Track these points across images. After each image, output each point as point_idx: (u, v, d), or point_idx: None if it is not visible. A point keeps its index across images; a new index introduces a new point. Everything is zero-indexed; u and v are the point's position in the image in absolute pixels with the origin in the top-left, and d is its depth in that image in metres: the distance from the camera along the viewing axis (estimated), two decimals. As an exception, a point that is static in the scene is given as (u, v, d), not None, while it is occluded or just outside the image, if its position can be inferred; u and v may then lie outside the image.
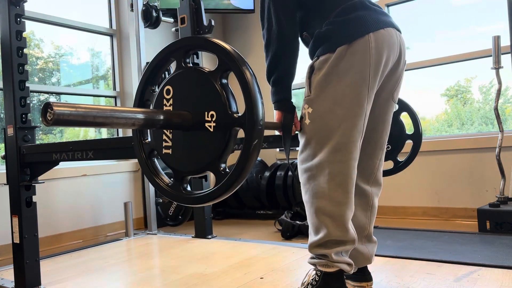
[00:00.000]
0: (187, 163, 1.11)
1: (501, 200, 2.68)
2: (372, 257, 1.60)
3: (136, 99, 1.20)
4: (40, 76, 3.32)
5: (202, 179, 2.78)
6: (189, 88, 1.10)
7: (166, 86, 1.14)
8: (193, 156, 1.10)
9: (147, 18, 3.11)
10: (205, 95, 1.07)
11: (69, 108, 0.88)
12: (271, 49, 1.40)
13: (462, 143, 3.15)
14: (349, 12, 1.36)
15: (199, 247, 2.52)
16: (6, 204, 2.02)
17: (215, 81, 1.05)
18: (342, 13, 1.37)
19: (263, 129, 1.02)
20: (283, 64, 1.40)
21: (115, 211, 3.36)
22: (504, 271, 1.73)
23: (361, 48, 1.33)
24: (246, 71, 1.02)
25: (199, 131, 1.08)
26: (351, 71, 1.34)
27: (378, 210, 1.72)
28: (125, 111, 1.01)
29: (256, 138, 1.01)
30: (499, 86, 2.81)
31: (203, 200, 1.08)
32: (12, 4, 1.91)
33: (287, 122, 1.44)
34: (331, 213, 1.36)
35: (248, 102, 1.01)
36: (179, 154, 1.12)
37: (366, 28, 1.34)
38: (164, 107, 1.13)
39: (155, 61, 1.16)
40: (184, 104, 1.10)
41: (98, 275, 2.06)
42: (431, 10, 3.53)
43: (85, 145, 1.77)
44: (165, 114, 1.08)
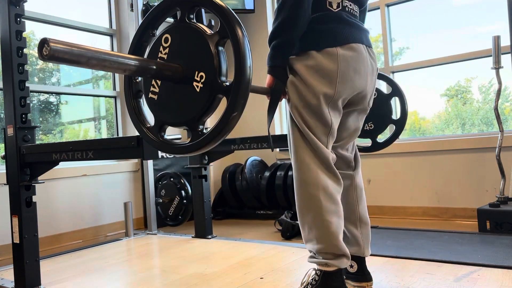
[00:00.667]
0: (168, 114, 1.16)
1: (501, 200, 2.68)
2: (366, 246, 1.62)
3: (135, 39, 1.22)
4: (40, 76, 3.32)
5: (202, 179, 2.78)
6: (186, 43, 1.12)
7: (166, 34, 1.16)
8: (175, 108, 1.14)
9: (147, 18, 3.11)
10: (200, 55, 1.09)
11: (65, 46, 0.91)
12: (283, 14, 1.40)
13: (462, 143, 3.15)
14: (322, 23, 1.44)
15: (199, 247, 2.52)
16: (6, 204, 2.02)
17: (212, 45, 1.08)
18: (315, 20, 1.44)
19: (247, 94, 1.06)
20: (290, 33, 1.40)
21: (115, 211, 3.36)
22: (504, 271, 1.73)
23: (330, 56, 1.41)
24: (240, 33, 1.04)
25: (186, 87, 1.11)
26: (316, 74, 1.42)
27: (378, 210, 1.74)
28: (119, 56, 1.04)
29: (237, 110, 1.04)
30: (499, 86, 2.81)
31: (173, 150, 1.14)
32: (12, 4, 1.91)
33: (277, 89, 1.46)
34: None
35: (238, 67, 1.04)
36: (163, 103, 1.16)
37: (337, 40, 1.43)
38: (159, 53, 1.16)
39: (161, 6, 1.18)
40: (178, 57, 1.13)
41: (98, 275, 2.06)
42: (431, 10, 3.53)
43: (85, 145, 1.77)
44: (157, 64, 1.11)
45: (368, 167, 3.56)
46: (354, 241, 1.60)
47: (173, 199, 2.98)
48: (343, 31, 1.45)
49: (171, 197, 2.99)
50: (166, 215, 3.04)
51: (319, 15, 1.45)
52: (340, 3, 1.48)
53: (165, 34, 1.16)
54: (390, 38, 3.64)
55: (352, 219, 1.61)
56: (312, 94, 1.43)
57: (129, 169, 3.51)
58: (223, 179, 3.84)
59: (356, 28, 1.49)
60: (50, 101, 3.38)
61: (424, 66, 3.46)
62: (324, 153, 1.44)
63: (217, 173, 4.14)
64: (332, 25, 1.45)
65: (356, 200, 1.62)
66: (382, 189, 3.50)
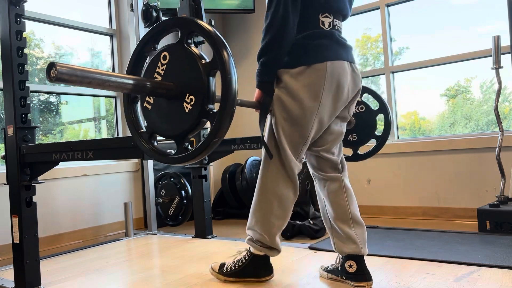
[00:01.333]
0: (158, 125, 1.27)
1: (501, 200, 2.68)
2: (363, 245, 1.67)
3: (135, 52, 1.32)
4: (40, 76, 3.32)
5: (202, 179, 2.78)
6: (182, 65, 1.22)
7: (165, 52, 1.26)
8: (165, 122, 1.26)
9: (147, 18, 3.11)
10: (192, 80, 1.19)
11: (70, 69, 1.02)
12: (271, 33, 1.53)
13: (462, 143, 3.15)
14: (314, 39, 1.57)
15: (199, 247, 2.52)
16: (6, 204, 2.02)
17: (204, 73, 1.18)
18: (307, 37, 1.57)
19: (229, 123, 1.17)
20: (277, 50, 1.54)
21: (115, 211, 3.36)
22: (504, 271, 1.73)
23: (318, 71, 1.54)
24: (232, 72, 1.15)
25: (177, 105, 1.22)
26: (304, 89, 1.55)
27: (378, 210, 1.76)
28: (118, 76, 1.15)
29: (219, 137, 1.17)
30: (499, 86, 2.81)
31: (157, 158, 1.27)
32: (12, 4, 1.91)
33: (266, 102, 1.61)
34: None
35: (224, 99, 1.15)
36: (155, 114, 1.27)
37: (325, 56, 1.56)
38: (157, 68, 1.27)
39: (164, 24, 1.28)
40: (174, 76, 1.23)
41: (98, 275, 2.06)
42: (431, 10, 3.53)
43: (85, 145, 1.77)
44: (152, 83, 1.22)
45: (368, 167, 3.56)
46: (349, 240, 1.67)
47: (173, 199, 2.98)
48: (332, 48, 1.59)
49: (171, 197, 2.99)
50: (166, 215, 3.04)
51: (312, 32, 1.58)
52: (331, 22, 1.62)
53: (164, 52, 1.25)
54: (390, 38, 3.64)
55: (344, 219, 1.69)
56: (297, 106, 1.57)
57: (129, 169, 3.51)
58: (223, 179, 3.84)
59: (342, 46, 1.63)
60: (50, 101, 3.38)
61: (424, 66, 3.46)
62: (292, 166, 1.63)
63: (217, 173, 4.14)
64: (322, 41, 1.58)
65: (347, 201, 1.70)
66: (382, 189, 3.50)
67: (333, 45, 1.59)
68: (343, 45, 1.63)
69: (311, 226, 2.75)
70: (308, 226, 2.74)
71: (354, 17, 3.82)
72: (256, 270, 1.73)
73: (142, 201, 3.53)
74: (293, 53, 1.57)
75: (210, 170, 3.77)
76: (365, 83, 3.98)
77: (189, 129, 1.21)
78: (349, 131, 2.33)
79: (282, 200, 1.65)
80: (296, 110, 1.57)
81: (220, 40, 1.16)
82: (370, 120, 2.34)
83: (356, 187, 3.60)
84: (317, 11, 1.59)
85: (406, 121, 3.74)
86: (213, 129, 1.16)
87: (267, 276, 1.75)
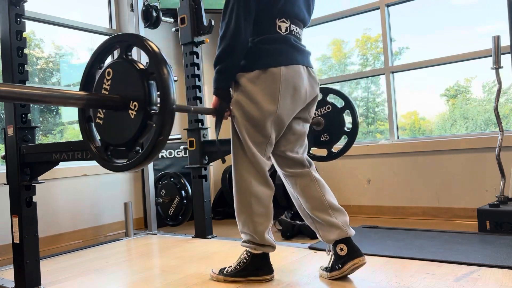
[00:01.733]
0: (111, 137, 1.36)
1: (501, 200, 2.68)
2: (347, 227, 1.74)
3: (85, 71, 1.42)
4: (41, 76, 3.32)
5: (202, 179, 2.78)
6: (124, 76, 1.32)
7: (108, 68, 1.36)
8: (116, 132, 1.34)
9: (147, 18, 3.11)
10: (134, 87, 1.29)
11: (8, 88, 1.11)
12: (224, 42, 1.63)
13: (462, 143, 3.15)
14: (270, 43, 1.66)
15: (199, 247, 2.52)
16: (6, 204, 2.02)
17: (143, 79, 1.27)
18: (263, 42, 1.66)
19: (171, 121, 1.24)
20: (231, 58, 1.64)
21: (115, 211, 3.37)
22: (504, 271, 1.73)
23: (273, 75, 1.62)
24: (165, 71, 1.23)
25: (124, 114, 1.31)
26: (261, 92, 1.63)
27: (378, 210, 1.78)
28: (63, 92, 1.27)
29: (163, 135, 1.23)
30: (499, 86, 2.81)
31: (112, 168, 1.36)
32: (12, 4, 1.91)
33: (221, 109, 1.70)
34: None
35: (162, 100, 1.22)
36: (106, 127, 1.37)
37: (279, 61, 1.64)
38: (103, 85, 1.36)
39: (105, 45, 1.39)
40: (118, 88, 1.32)
41: (98, 275, 2.06)
42: (431, 10, 3.53)
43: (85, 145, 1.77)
44: (98, 97, 1.32)
45: (368, 167, 3.56)
46: (333, 227, 1.74)
47: (173, 199, 2.98)
48: (287, 53, 1.67)
49: (171, 197, 2.99)
50: (166, 215, 3.04)
51: (268, 36, 1.67)
52: (288, 27, 1.70)
53: (108, 69, 1.36)
54: (390, 38, 3.64)
55: (323, 209, 1.76)
56: (256, 109, 1.65)
57: (129, 169, 3.51)
58: (223, 179, 3.84)
59: (298, 51, 1.70)
60: (50, 101, 3.38)
61: (424, 66, 3.46)
62: (260, 163, 1.70)
63: (217, 173, 4.14)
64: (278, 46, 1.66)
65: (321, 192, 1.78)
66: (382, 189, 3.50)
67: (288, 50, 1.67)
68: (299, 50, 1.71)
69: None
70: (308, 226, 2.74)
71: (354, 17, 3.82)
72: (256, 270, 1.75)
73: (142, 201, 3.53)
74: (249, 57, 1.66)
75: (210, 170, 3.77)
76: (365, 83, 3.98)
77: (136, 134, 1.28)
78: (321, 132, 2.43)
79: (259, 198, 1.71)
80: (255, 112, 1.65)
81: (153, 47, 1.26)
82: (338, 118, 2.43)
83: (356, 187, 3.61)
84: (274, 16, 1.67)
85: (406, 121, 3.74)
86: (157, 129, 1.23)
87: (267, 276, 1.76)
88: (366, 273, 1.81)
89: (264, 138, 1.70)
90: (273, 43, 1.66)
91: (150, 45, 1.27)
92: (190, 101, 2.82)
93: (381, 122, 3.87)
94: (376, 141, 3.68)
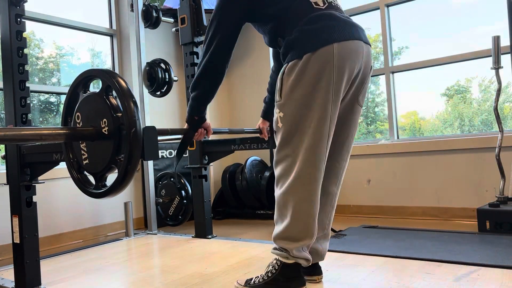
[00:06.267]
0: (98, 165, 1.42)
1: (501, 200, 2.68)
2: (325, 255, 1.74)
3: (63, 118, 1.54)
4: (41, 76, 3.33)
5: (202, 179, 2.78)
6: (90, 108, 1.43)
7: (77, 113, 1.47)
8: (101, 158, 1.40)
9: (147, 18, 3.11)
10: (98, 109, 1.39)
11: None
12: (201, 68, 1.60)
13: (462, 143, 3.15)
14: (316, 22, 1.46)
15: (199, 247, 2.52)
16: (6, 204, 2.02)
17: (101, 97, 1.38)
18: (309, 22, 1.46)
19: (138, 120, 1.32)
20: (206, 89, 1.62)
21: (115, 211, 3.37)
22: (504, 271, 1.73)
23: (325, 55, 1.42)
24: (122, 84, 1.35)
25: (101, 138, 1.38)
26: (315, 77, 1.43)
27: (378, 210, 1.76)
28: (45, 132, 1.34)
29: (133, 127, 1.30)
30: (498, 86, 2.81)
31: (112, 190, 1.40)
32: (12, 4, 1.91)
33: (187, 137, 1.70)
34: (293, 208, 1.50)
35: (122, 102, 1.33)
36: (93, 160, 1.44)
37: (331, 38, 1.43)
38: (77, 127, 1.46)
39: (70, 91, 1.51)
40: (89, 121, 1.42)
41: (98, 275, 2.06)
42: (431, 10, 3.53)
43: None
44: (72, 130, 1.41)
45: (368, 167, 3.56)
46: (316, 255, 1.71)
47: (173, 199, 2.98)
48: (339, 28, 1.46)
49: (171, 197, 2.99)
50: (166, 215, 3.04)
51: (311, 16, 1.47)
52: (325, 0, 1.52)
53: (76, 113, 1.47)
54: (390, 38, 3.64)
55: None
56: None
57: (129, 169, 3.51)
58: (223, 179, 3.84)
59: (351, 24, 1.51)
60: (50, 101, 3.39)
61: (424, 66, 3.46)
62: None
63: (217, 173, 4.14)
64: (328, 22, 1.46)
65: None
66: (382, 189, 3.50)
67: (339, 24, 1.48)
68: (351, 24, 1.52)
69: (311, 226, 2.75)
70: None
71: (354, 17, 3.82)
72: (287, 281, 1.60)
73: (142, 201, 3.53)
74: (295, 43, 1.47)
75: (210, 170, 3.77)
76: (365, 83, 3.98)
77: (115, 146, 1.35)
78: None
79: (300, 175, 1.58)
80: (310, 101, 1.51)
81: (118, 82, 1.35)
82: None
83: (356, 187, 3.61)
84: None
85: (406, 121, 3.74)
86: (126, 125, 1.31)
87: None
88: (366, 273, 1.81)
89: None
90: (318, 21, 1.46)
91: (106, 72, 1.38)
92: (190, 101, 2.83)
93: (381, 122, 3.87)
94: (376, 141, 3.68)
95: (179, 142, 1.72)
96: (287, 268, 1.56)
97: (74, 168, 1.53)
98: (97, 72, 1.45)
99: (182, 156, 1.71)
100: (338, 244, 2.34)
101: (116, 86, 1.34)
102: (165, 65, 2.97)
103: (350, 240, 2.42)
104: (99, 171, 1.43)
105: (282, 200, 1.53)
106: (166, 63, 2.98)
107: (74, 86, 1.49)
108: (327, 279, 1.75)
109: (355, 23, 1.54)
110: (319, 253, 1.71)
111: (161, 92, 3.01)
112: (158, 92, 3.01)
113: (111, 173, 1.41)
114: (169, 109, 3.89)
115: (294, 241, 1.52)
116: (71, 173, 1.53)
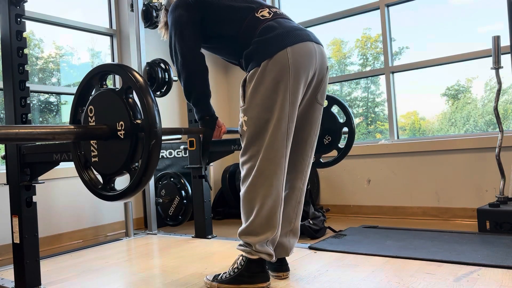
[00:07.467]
0: (109, 167, 1.36)
1: (501, 200, 2.69)
2: (291, 251, 1.79)
3: (70, 118, 1.47)
4: (41, 76, 3.32)
5: (202, 179, 2.78)
6: (105, 105, 1.35)
7: (90, 106, 1.39)
8: (112, 160, 1.34)
9: (147, 18, 3.11)
10: (116, 108, 1.32)
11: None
12: (184, 73, 1.68)
13: (462, 143, 3.15)
14: (268, 32, 1.59)
15: (199, 247, 2.52)
16: (6, 204, 2.02)
17: (121, 97, 1.31)
18: (261, 33, 1.59)
19: (159, 132, 1.25)
20: (195, 88, 1.69)
21: (115, 211, 3.37)
22: (504, 271, 1.73)
23: (281, 60, 1.54)
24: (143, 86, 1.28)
25: (114, 139, 1.32)
26: (273, 81, 1.54)
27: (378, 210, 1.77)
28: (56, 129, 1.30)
29: (154, 139, 1.23)
30: (498, 86, 2.81)
31: (123, 195, 1.33)
32: (12, 4, 1.91)
33: (206, 137, 1.75)
34: (256, 204, 1.59)
35: (144, 111, 1.25)
36: (103, 160, 1.37)
37: (284, 43, 1.55)
38: (89, 123, 1.38)
39: (80, 88, 1.44)
40: (103, 118, 1.35)
41: (98, 275, 2.06)
42: (431, 10, 3.53)
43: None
44: (85, 128, 1.34)
45: (368, 167, 3.56)
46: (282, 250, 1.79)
47: (173, 199, 2.98)
48: (289, 34, 1.59)
49: (171, 197, 2.99)
50: (166, 215, 3.04)
51: (261, 29, 1.60)
52: (270, 11, 1.66)
53: (89, 106, 1.39)
54: (390, 38, 3.64)
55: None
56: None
57: (129, 169, 3.51)
58: (223, 179, 3.84)
59: (299, 29, 1.63)
60: (50, 101, 3.38)
61: (424, 66, 3.46)
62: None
63: (217, 173, 4.14)
64: (278, 31, 1.58)
65: None
66: (382, 189, 3.50)
67: (288, 30, 1.61)
68: (299, 28, 1.65)
69: (311, 226, 2.75)
70: (308, 226, 2.74)
71: (354, 17, 3.82)
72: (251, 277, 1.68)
73: (142, 201, 3.53)
74: (253, 54, 1.59)
75: (210, 170, 3.77)
76: (365, 83, 3.98)
77: (130, 151, 1.28)
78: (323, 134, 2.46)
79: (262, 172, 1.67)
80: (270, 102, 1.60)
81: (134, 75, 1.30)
82: (328, 114, 2.44)
83: (356, 187, 3.61)
84: (252, 8, 1.66)
85: (406, 121, 3.74)
86: (146, 135, 1.23)
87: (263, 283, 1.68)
88: (366, 273, 1.81)
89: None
90: (269, 32, 1.59)
91: (133, 74, 1.30)
92: (190, 101, 2.83)
93: (381, 122, 3.87)
94: (376, 141, 3.68)
95: (201, 148, 1.79)
96: (251, 264, 1.64)
97: (81, 162, 1.46)
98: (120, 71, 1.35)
99: (207, 159, 1.78)
100: (338, 244, 2.34)
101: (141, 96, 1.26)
102: (165, 65, 2.97)
103: (350, 240, 2.42)
104: (108, 173, 1.37)
105: (246, 197, 1.62)
106: (166, 63, 2.98)
107: (90, 77, 1.41)
108: (327, 279, 1.75)
109: (303, 28, 1.67)
110: (285, 248, 1.77)
111: (161, 92, 3.01)
112: (158, 92, 3.01)
113: (121, 176, 1.37)
114: (169, 109, 3.89)
115: (256, 235, 1.60)
116: (77, 167, 1.46)
